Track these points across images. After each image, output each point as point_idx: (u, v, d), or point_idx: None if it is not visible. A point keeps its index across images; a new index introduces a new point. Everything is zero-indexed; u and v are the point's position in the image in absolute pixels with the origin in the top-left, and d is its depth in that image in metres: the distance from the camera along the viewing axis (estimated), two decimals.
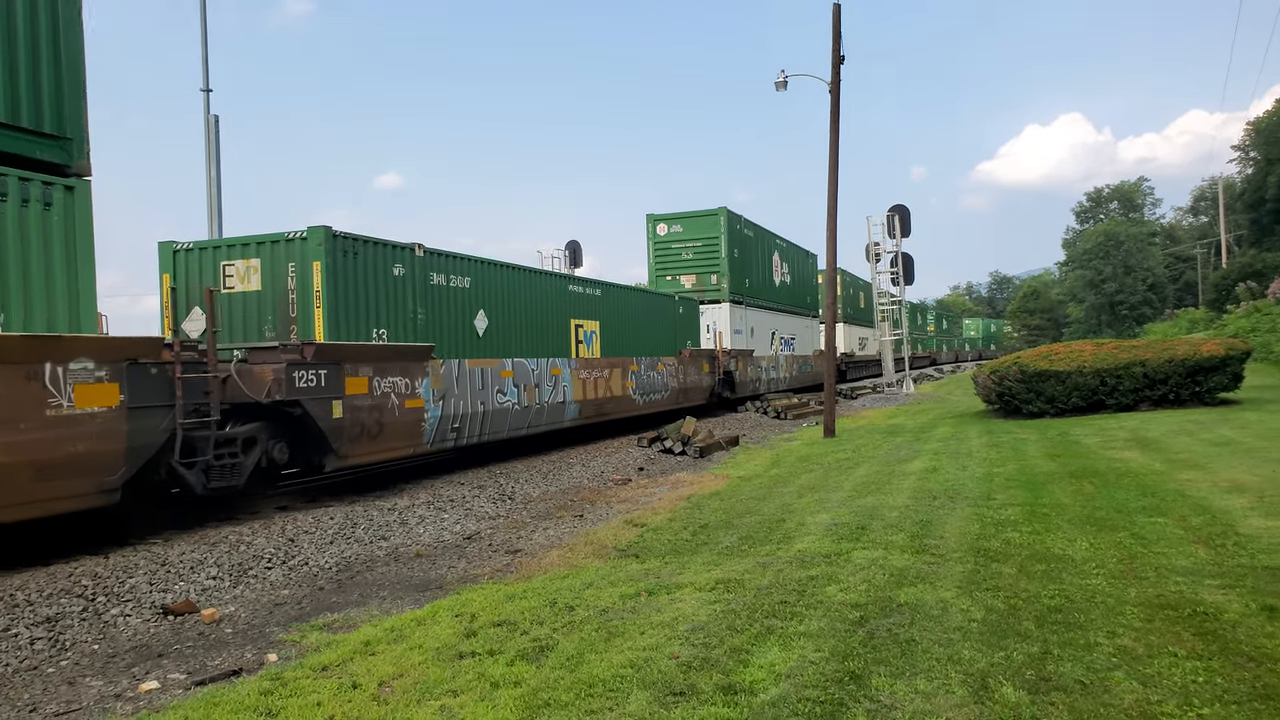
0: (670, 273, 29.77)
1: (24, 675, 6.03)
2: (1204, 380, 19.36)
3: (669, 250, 29.95)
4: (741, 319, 30.48)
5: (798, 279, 39.43)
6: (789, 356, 36.78)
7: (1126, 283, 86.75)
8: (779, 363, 35.02)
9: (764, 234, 34.15)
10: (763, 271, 33.64)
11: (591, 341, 19.90)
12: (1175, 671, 4.73)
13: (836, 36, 20.19)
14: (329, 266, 12.31)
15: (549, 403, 17.48)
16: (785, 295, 37.02)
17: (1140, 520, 8.48)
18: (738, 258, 30.12)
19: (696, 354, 26.16)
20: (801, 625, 5.74)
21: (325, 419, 11.64)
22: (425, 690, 5.08)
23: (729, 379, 28.32)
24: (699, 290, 29.16)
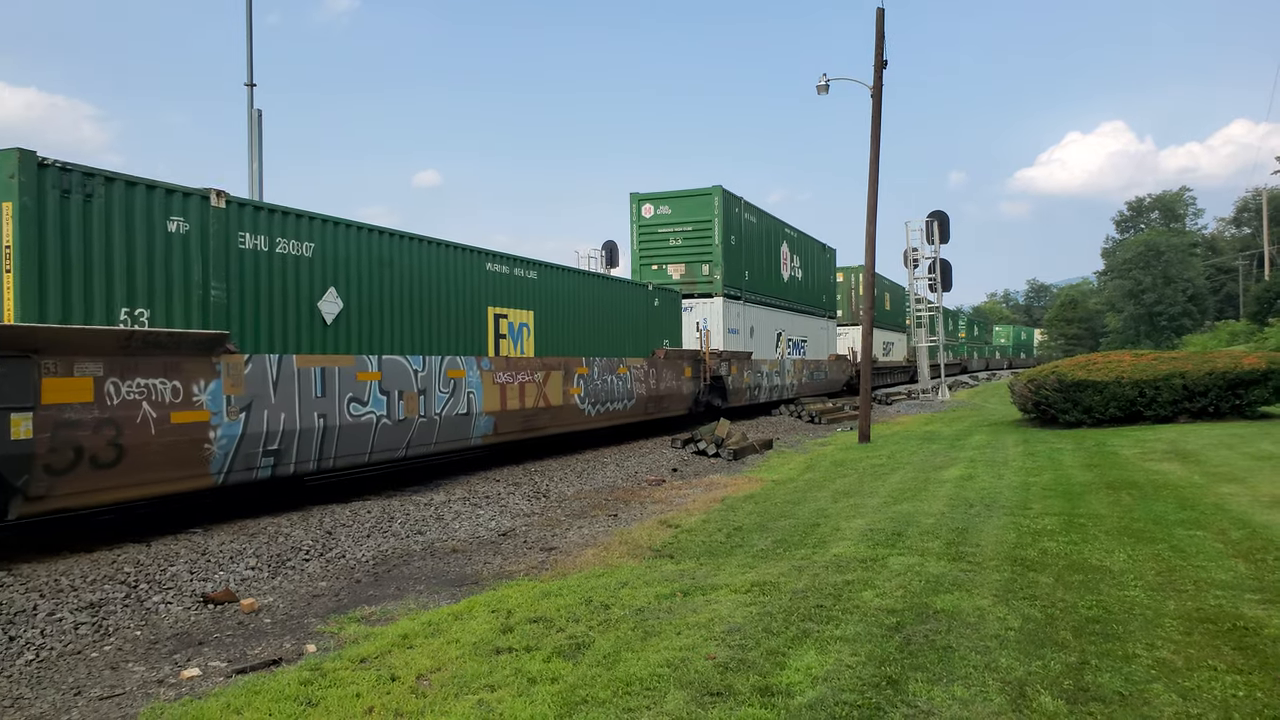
0: (656, 261, 25.83)
1: (68, 659, 6.17)
2: (1244, 393, 19.07)
3: (655, 235, 25.97)
4: (738, 317, 26.64)
5: (812, 275, 35.25)
6: (798, 361, 32.62)
7: (1166, 294, 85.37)
8: (784, 368, 30.86)
9: (770, 221, 30.09)
10: (767, 264, 29.57)
11: (521, 337, 16.06)
12: (1215, 685, 4.68)
13: (880, 41, 20.10)
14: (29, 211, 8.43)
15: (444, 415, 13.49)
16: (795, 292, 32.84)
17: (1179, 533, 8.37)
18: (735, 246, 26.25)
19: (675, 355, 22.16)
20: (838, 630, 5.75)
21: None
22: (463, 684, 5.14)
23: (719, 385, 24.61)
24: (689, 282, 25.45)
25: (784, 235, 31.75)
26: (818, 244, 36.41)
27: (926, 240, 40.05)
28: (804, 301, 34.00)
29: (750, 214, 27.96)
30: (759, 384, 27.97)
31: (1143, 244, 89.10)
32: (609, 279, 20.32)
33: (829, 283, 38.30)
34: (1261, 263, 72.62)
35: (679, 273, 25.59)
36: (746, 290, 27.33)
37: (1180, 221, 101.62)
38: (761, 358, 28.41)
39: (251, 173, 19.58)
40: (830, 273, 38.58)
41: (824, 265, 37.42)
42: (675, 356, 22.21)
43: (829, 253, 38.30)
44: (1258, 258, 79.05)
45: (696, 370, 23.30)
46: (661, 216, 25.94)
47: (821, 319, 36.71)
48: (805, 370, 33.53)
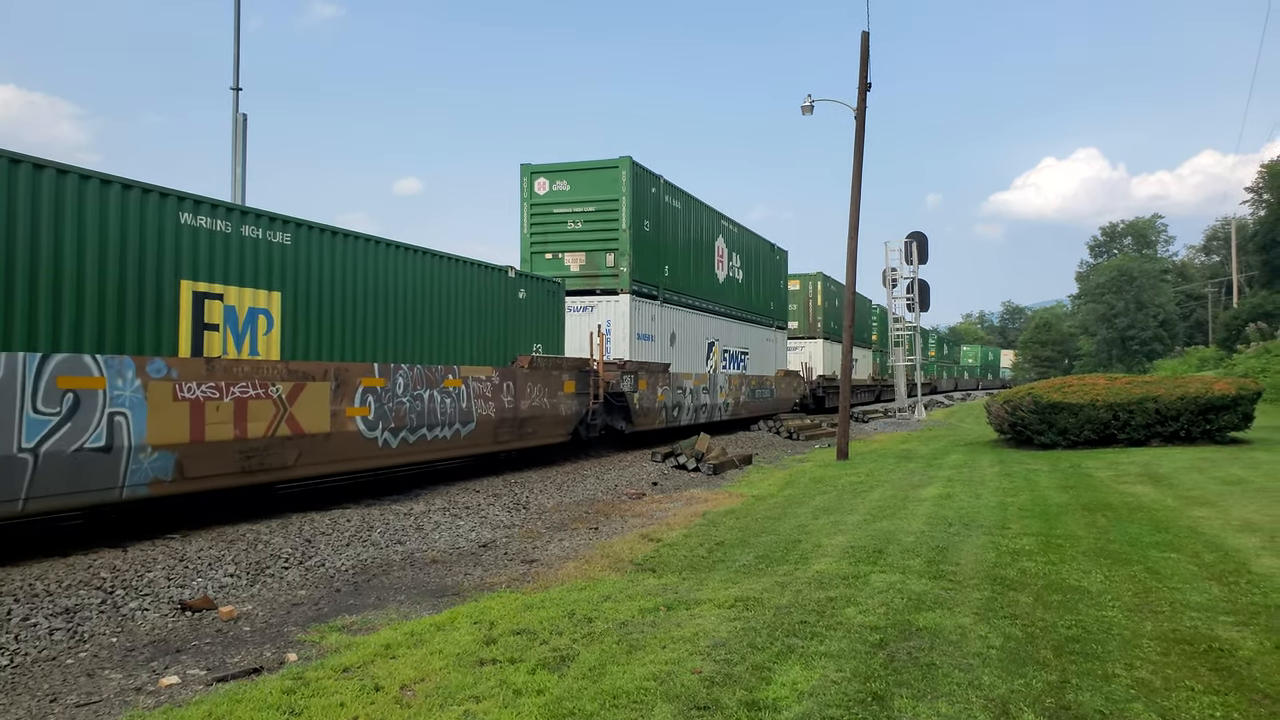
0: (551, 248, 21.29)
1: (43, 665, 6.08)
2: (1215, 418, 19.36)
3: (550, 217, 21.34)
4: (653, 320, 22.11)
5: (757, 278, 30.93)
6: (736, 377, 28.00)
7: (1138, 318, 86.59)
8: (717, 383, 26.28)
9: (701, 210, 25.65)
10: (695, 259, 25.18)
11: (254, 331, 11.05)
12: (1193, 705, 4.75)
13: (864, 63, 20.33)
14: None
15: (48, 453, 8.36)
16: (734, 296, 28.46)
17: (1154, 555, 8.49)
18: (650, 234, 21.86)
19: (549, 365, 17.11)
20: (822, 645, 5.78)
21: None
22: (448, 695, 5.12)
23: (620, 404, 19.89)
24: (589, 275, 21.01)
25: (720, 228, 27.39)
26: (765, 244, 32.21)
27: (905, 261, 40.43)
28: (746, 308, 29.67)
29: (673, 197, 23.60)
30: (679, 403, 23.20)
31: (1116, 269, 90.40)
32: (437, 256, 14.47)
33: (778, 289, 34.00)
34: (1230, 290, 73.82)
35: (578, 263, 21.02)
36: (666, 289, 22.92)
37: (1152, 248, 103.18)
38: (685, 371, 23.92)
39: (235, 177, 19.48)
40: (780, 278, 34.39)
41: (773, 269, 33.18)
42: (549, 366, 17.09)
43: (779, 255, 34.15)
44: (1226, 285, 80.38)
45: (584, 385, 18.22)
46: (559, 194, 21.27)
47: (768, 329, 32.30)
48: (745, 387, 28.91)
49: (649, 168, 22.06)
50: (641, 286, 21.43)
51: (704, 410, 25.29)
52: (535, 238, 21.49)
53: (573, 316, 20.37)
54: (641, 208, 21.31)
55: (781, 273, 34.58)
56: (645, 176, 21.80)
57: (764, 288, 31.82)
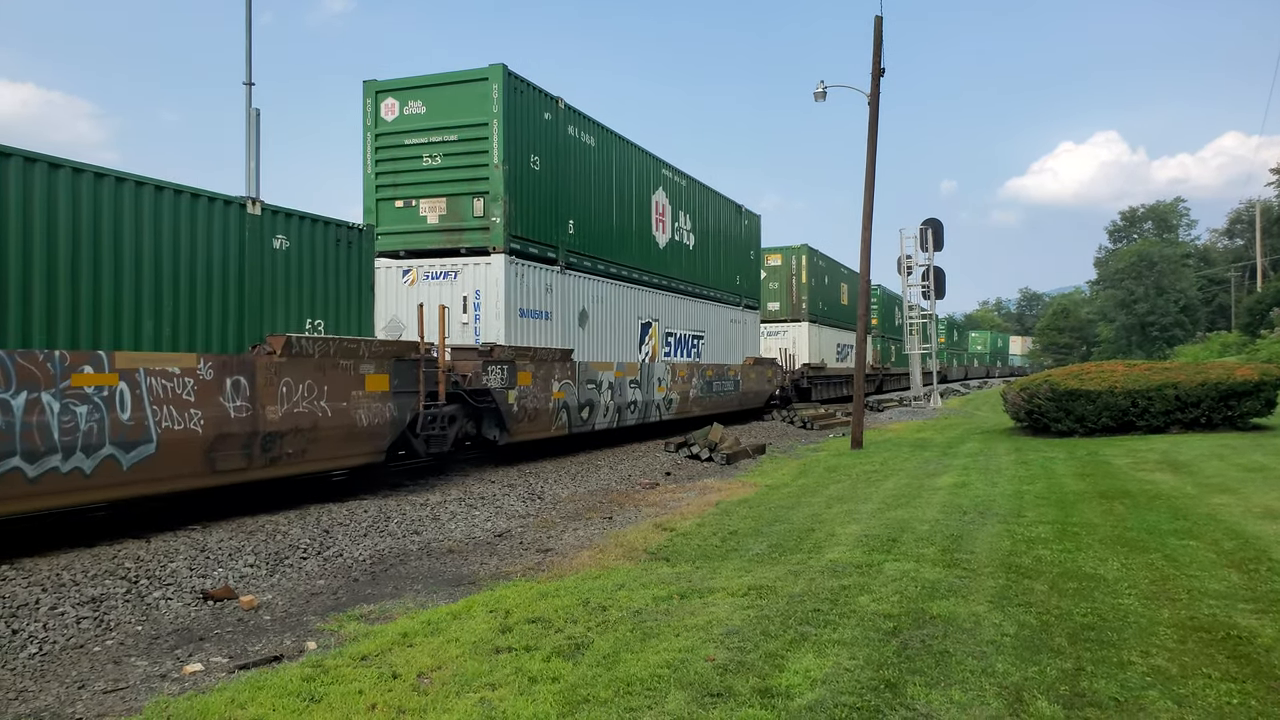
0: (403, 193, 16.10)
1: (71, 653, 6.20)
2: (1237, 405, 19.21)
3: (401, 150, 16.11)
4: (547, 292, 16.84)
5: (719, 247, 25.96)
6: (685, 366, 22.85)
7: (1158, 304, 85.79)
8: (653, 375, 20.86)
9: (626, 150, 20.19)
10: (621, 215, 19.88)
11: None
12: (1210, 693, 4.75)
13: (878, 49, 20.21)
14: None
15: None
16: (683, 266, 23.33)
17: (1172, 542, 8.46)
18: (542, 175, 16.61)
19: (333, 351, 11.48)
20: (835, 633, 5.81)
21: None
22: (464, 682, 5.19)
23: (485, 406, 14.62)
24: (451, 228, 15.76)
25: (660, 179, 21.92)
26: (729, 205, 26.89)
27: (920, 248, 40.19)
28: (700, 282, 24.53)
29: (582, 130, 18.22)
30: (592, 401, 17.85)
31: (1136, 254, 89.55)
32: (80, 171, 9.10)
33: (748, 261, 28.55)
34: (1254, 274, 73.06)
35: (437, 212, 15.85)
36: (572, 252, 17.79)
37: (1173, 232, 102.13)
38: (602, 360, 18.75)
39: (249, 170, 19.59)
40: (751, 247, 28.90)
41: (741, 236, 27.88)
42: (334, 353, 11.43)
43: (749, 219, 28.54)
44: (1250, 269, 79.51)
45: (409, 380, 12.70)
46: (412, 119, 16.10)
47: (732, 309, 27.21)
48: (698, 379, 23.61)
49: (545, 88, 16.79)
50: (526, 245, 16.13)
51: (634, 409, 19.87)
52: (382, 179, 16.26)
53: (428, 287, 15.77)
54: (525, 138, 16.10)
55: (752, 241, 29.01)
56: (531, 96, 16.41)
57: (728, 258, 26.69)
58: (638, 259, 20.87)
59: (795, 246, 35.47)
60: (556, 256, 17.27)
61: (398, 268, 16.13)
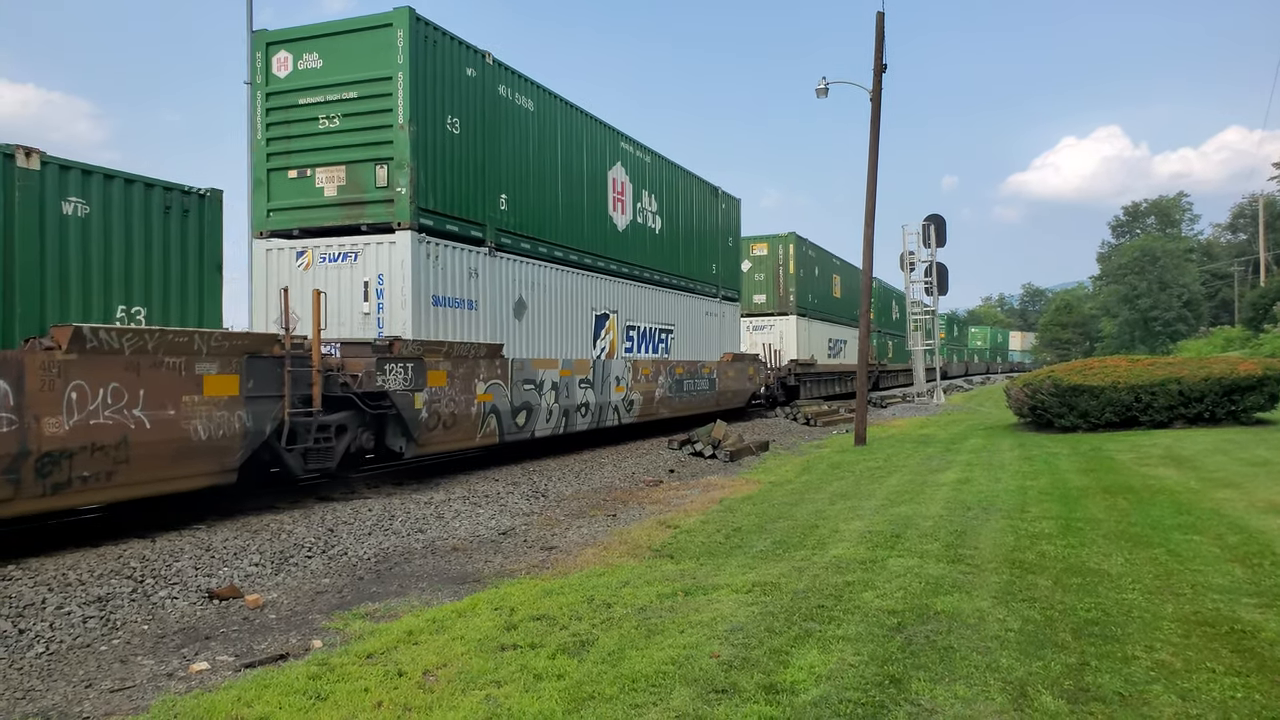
0: (298, 161, 13.78)
1: (78, 652, 6.22)
2: (1240, 399, 19.19)
3: (295, 112, 13.82)
4: (471, 277, 14.50)
5: (692, 232, 23.79)
6: (650, 363, 20.77)
7: (1161, 299, 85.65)
8: (609, 374, 18.62)
9: (573, 117, 17.69)
10: (568, 192, 17.47)
11: None
12: (1214, 687, 4.76)
13: (879, 44, 20.21)
14: None
15: None
16: (647, 252, 21.06)
17: (1176, 537, 8.46)
18: (463, 139, 14.25)
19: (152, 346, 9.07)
20: (839, 629, 5.82)
21: None
22: (469, 680, 5.20)
23: (378, 413, 12.22)
24: (351, 202, 13.46)
25: (619, 154, 19.57)
26: (703, 186, 24.61)
27: (923, 244, 40.20)
28: (668, 270, 22.30)
29: (517, 91, 15.73)
30: (532, 403, 15.57)
31: (1139, 249, 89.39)
32: None
33: (726, 249, 26.43)
34: (1257, 269, 72.96)
35: (335, 183, 13.48)
36: (505, 231, 15.35)
37: (1176, 227, 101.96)
38: (546, 357, 16.43)
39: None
40: (730, 234, 26.70)
41: (718, 221, 25.71)
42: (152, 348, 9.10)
43: (727, 203, 26.32)
44: (1253, 264, 79.40)
45: (272, 380, 10.49)
46: (308, 75, 13.82)
47: (709, 300, 25.03)
48: (666, 377, 21.50)
49: (467, 39, 14.43)
50: (442, 222, 13.76)
51: (585, 412, 17.61)
52: (274, 146, 13.92)
53: (326, 271, 13.57)
54: (441, 95, 13.70)
55: (731, 228, 26.77)
56: (449, 48, 14.03)
57: (702, 245, 24.49)
58: (591, 242, 18.45)
59: (782, 235, 33.30)
60: (484, 236, 14.81)
61: (291, 249, 13.89)
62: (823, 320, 37.10)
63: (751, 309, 32.55)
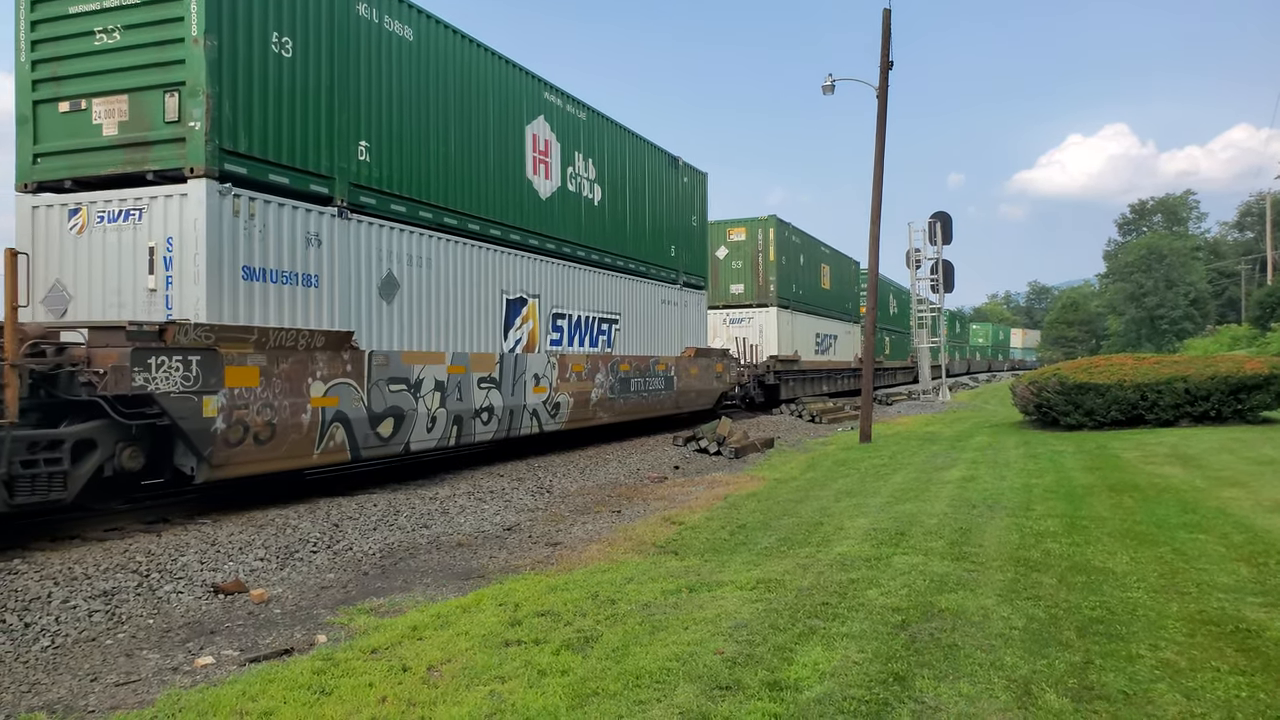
0: (70, 90, 10.74)
1: (84, 646, 6.24)
2: (1246, 398, 19.12)
3: (66, 24, 10.79)
4: (310, 243, 11.35)
5: (645, 207, 20.62)
6: (584, 359, 17.61)
7: (1168, 297, 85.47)
8: (525, 371, 15.54)
9: (471, 51, 14.54)
10: (471, 143, 14.41)
11: None
12: (1218, 686, 4.74)
13: (886, 42, 20.16)
14: None
15: None
16: (581, 226, 17.72)
17: (1181, 536, 8.44)
18: (295, 64, 11.22)
19: None
20: (844, 626, 5.82)
21: None
22: (474, 675, 5.21)
23: (164, 424, 9.17)
24: (134, 143, 10.43)
25: (543, 107, 16.33)
26: (658, 154, 21.52)
27: (929, 241, 40.11)
28: (613, 249, 19.13)
29: (384, 10, 12.57)
30: (404, 409, 12.41)
31: (1145, 247, 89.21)
32: None
33: (689, 229, 23.25)
34: (1264, 267, 72.73)
35: (116, 118, 10.52)
36: (364, 185, 12.03)
37: (1183, 225, 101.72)
38: (429, 349, 13.15)
39: None
40: (691, 212, 23.45)
41: (677, 197, 22.46)
42: None
43: (689, 177, 23.21)
44: (1260, 262, 79.17)
45: None
46: None
47: (664, 287, 21.86)
48: (609, 375, 18.50)
49: None
50: (264, 170, 10.73)
51: (488, 418, 14.38)
52: (41, 70, 10.85)
53: (105, 234, 10.58)
54: (257, 3, 10.64)
55: (694, 205, 23.46)
56: None
57: (657, 223, 21.31)
58: (501, 210, 15.09)
59: (761, 218, 30.09)
60: (331, 192, 11.40)
61: (62, 206, 10.75)
62: (809, 313, 34.18)
63: (729, 300, 30.35)
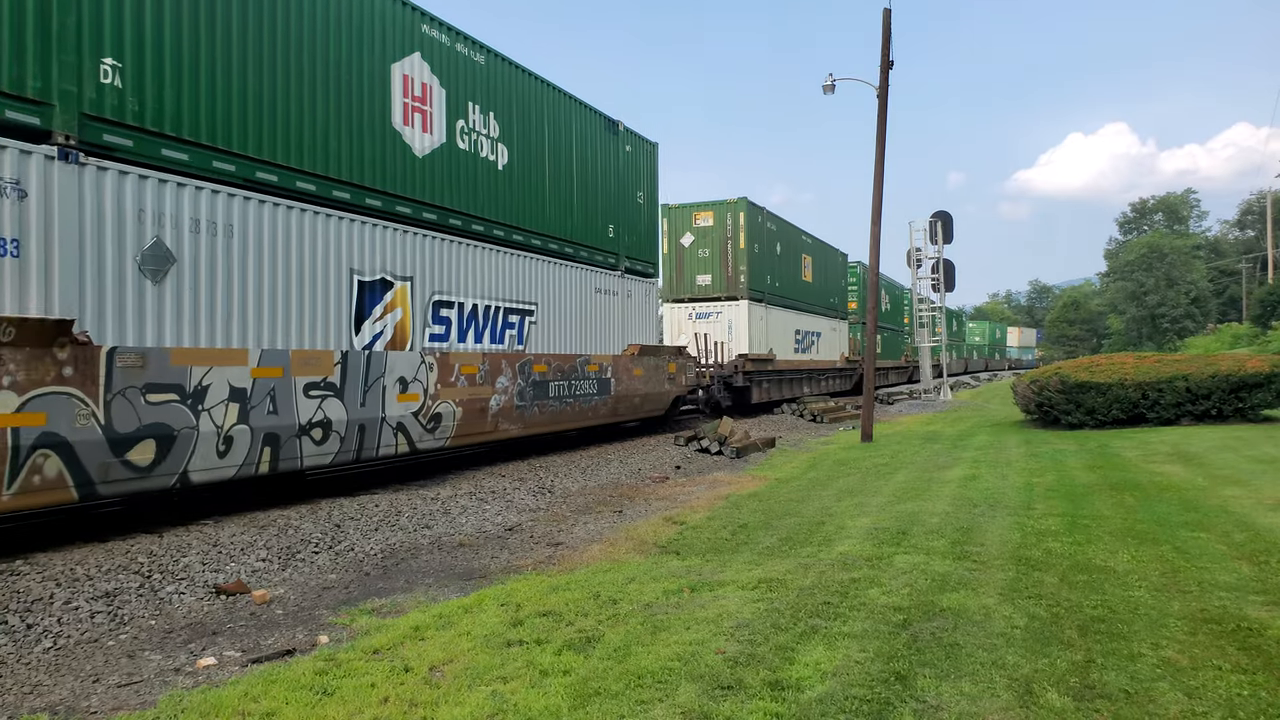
0: None
1: (86, 647, 6.25)
2: (1248, 397, 19.12)
3: None
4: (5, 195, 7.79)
5: (570, 175, 17.19)
6: (491, 358, 14.42)
7: (1169, 296, 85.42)
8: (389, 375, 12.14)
9: None
10: (300, 76, 11.02)
11: None
12: (1220, 684, 4.74)
13: (886, 42, 20.15)
14: None
15: None
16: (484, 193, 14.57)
17: (1182, 534, 8.44)
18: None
19: None
20: (845, 626, 5.82)
21: None
22: (476, 675, 5.21)
23: None
24: None
25: (420, 42, 13.17)
26: (591, 115, 18.00)
27: (930, 240, 40.09)
28: (524, 224, 15.63)
29: None
30: (177, 429, 9.17)
31: (1146, 246, 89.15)
32: None
33: (635, 207, 19.77)
34: (1265, 265, 72.67)
35: None
36: (112, 120, 8.89)
37: (1184, 224, 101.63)
38: (222, 346, 9.85)
39: None
40: (637, 187, 19.96)
41: (615, 168, 19.01)
42: None
43: (633, 145, 19.83)
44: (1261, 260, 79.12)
45: None
46: None
47: (600, 273, 18.33)
48: (518, 378, 14.99)
49: None
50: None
51: (323, 436, 11.04)
52: None
53: None
54: None
55: (640, 179, 20.17)
56: None
57: (590, 197, 17.88)
58: (354, 167, 11.71)
59: (731, 200, 26.94)
60: (47, 124, 8.37)
61: None
62: (788, 308, 30.82)
63: (695, 293, 27.48)
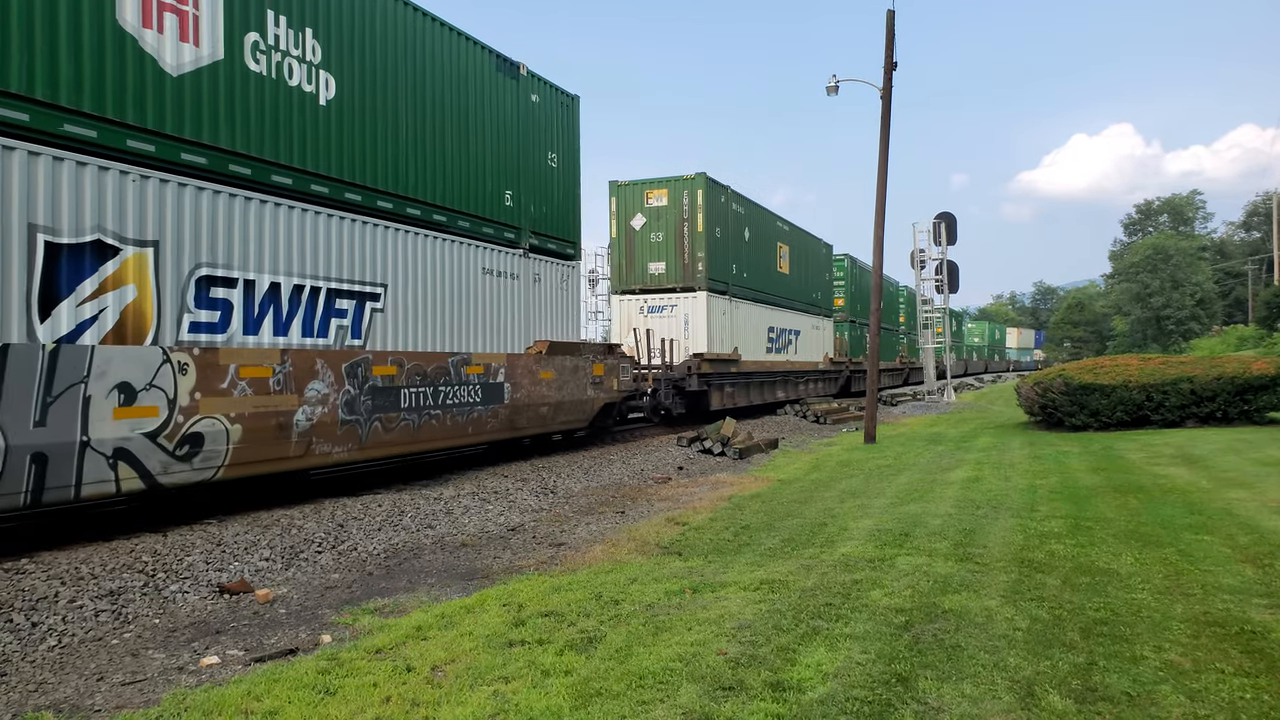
0: None
1: (90, 645, 6.27)
2: (1253, 399, 19.08)
3: None
4: None
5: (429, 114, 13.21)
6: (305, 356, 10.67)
7: (1174, 297, 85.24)
8: (98, 379, 8.26)
9: None
10: None
11: None
12: (1222, 688, 4.74)
13: (890, 42, 20.15)
14: None
15: None
16: (275, 128, 10.53)
17: (1186, 537, 8.42)
18: None
19: None
20: (847, 627, 5.82)
21: None
22: (478, 675, 5.22)
23: None
24: None
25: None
26: (479, 50, 14.49)
27: (934, 241, 40.02)
28: (356, 178, 11.83)
29: None
30: None
31: (1151, 247, 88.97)
32: None
33: (540, 169, 16.27)
34: (1271, 267, 72.50)
35: None
36: None
37: (1189, 225, 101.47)
38: None
39: None
40: (546, 145, 16.46)
41: (516, 120, 15.51)
42: None
43: (541, 95, 16.32)
44: (1267, 262, 78.94)
45: None
46: None
47: (490, 249, 14.80)
48: (343, 385, 11.28)
49: None
50: None
51: None
52: None
53: None
54: None
55: (550, 135, 16.65)
56: None
57: (477, 154, 14.51)
58: (46, 82, 8.22)
59: (688, 176, 23.63)
60: None
61: None
62: (759, 302, 27.55)
63: (646, 283, 24.13)
